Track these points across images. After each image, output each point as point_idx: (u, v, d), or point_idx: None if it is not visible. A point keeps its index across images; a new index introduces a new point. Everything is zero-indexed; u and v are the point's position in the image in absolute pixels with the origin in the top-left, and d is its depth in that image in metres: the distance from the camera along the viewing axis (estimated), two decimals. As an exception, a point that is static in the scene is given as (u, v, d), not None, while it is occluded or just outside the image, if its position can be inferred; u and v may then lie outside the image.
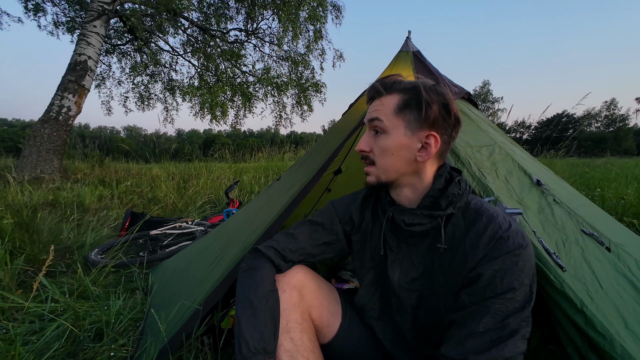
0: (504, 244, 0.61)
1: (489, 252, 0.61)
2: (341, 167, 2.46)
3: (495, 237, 0.62)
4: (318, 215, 0.89)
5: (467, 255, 0.64)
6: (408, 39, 1.78)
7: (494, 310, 0.58)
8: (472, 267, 0.62)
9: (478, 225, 0.65)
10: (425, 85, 0.69)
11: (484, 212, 0.67)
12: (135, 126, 68.56)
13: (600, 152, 12.86)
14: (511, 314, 0.57)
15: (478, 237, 0.64)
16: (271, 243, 0.83)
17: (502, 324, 0.57)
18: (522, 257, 0.60)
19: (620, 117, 49.29)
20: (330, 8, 8.13)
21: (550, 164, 4.37)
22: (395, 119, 0.69)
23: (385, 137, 0.71)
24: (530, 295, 0.59)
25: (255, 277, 0.75)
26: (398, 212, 0.73)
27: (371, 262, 0.85)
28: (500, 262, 0.60)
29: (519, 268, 0.59)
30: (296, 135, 37.90)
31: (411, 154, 0.70)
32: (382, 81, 0.73)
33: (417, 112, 0.67)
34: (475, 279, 0.61)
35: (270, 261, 0.80)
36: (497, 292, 0.58)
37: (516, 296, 0.58)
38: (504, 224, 0.64)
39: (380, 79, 0.74)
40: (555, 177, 1.59)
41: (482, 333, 0.57)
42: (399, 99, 0.69)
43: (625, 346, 0.63)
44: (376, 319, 0.85)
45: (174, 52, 8.38)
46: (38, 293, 1.37)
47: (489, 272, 0.60)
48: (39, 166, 4.66)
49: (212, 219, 2.89)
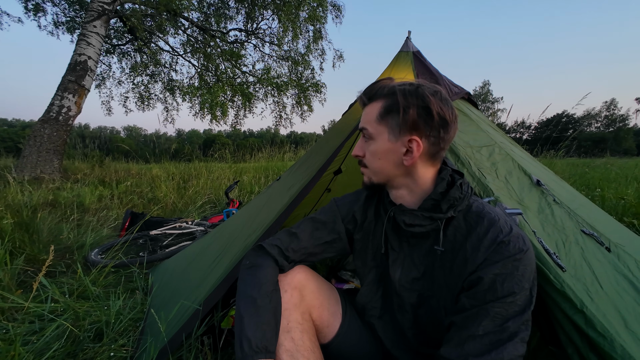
0: (504, 249, 0.61)
1: (490, 256, 0.61)
2: (341, 167, 2.46)
3: (496, 241, 0.62)
4: (321, 214, 0.89)
5: (467, 258, 0.64)
6: (408, 39, 1.78)
7: (493, 313, 0.58)
8: (473, 271, 0.63)
9: (479, 229, 0.65)
10: (403, 90, 0.68)
11: (486, 216, 0.67)
12: (135, 126, 68.60)
13: (600, 152, 12.88)
14: (511, 318, 0.57)
15: (479, 240, 0.64)
16: (275, 241, 0.83)
17: (501, 327, 0.57)
18: (522, 262, 0.60)
19: (620, 117, 49.30)
20: (330, 8, 8.14)
21: (550, 164, 4.37)
22: (378, 125, 0.71)
23: (373, 143, 0.73)
24: (530, 299, 0.60)
25: (259, 275, 0.75)
26: (399, 212, 0.74)
27: (373, 261, 0.85)
28: (500, 267, 0.60)
29: (520, 272, 0.59)
30: (296, 135, 37.95)
31: (398, 158, 0.71)
32: (370, 88, 0.75)
33: (397, 117, 0.68)
34: (475, 283, 0.62)
35: (274, 260, 0.80)
36: (497, 296, 0.59)
37: (516, 300, 0.58)
38: (505, 227, 0.64)
39: (369, 85, 0.76)
40: (555, 177, 1.59)
41: (481, 336, 0.57)
42: (381, 106, 0.71)
43: (625, 346, 0.63)
44: (377, 317, 0.85)
45: (174, 52, 8.38)
46: (38, 293, 1.37)
47: (489, 276, 0.60)
48: (39, 166, 4.66)
49: (212, 219, 2.89)
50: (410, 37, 1.80)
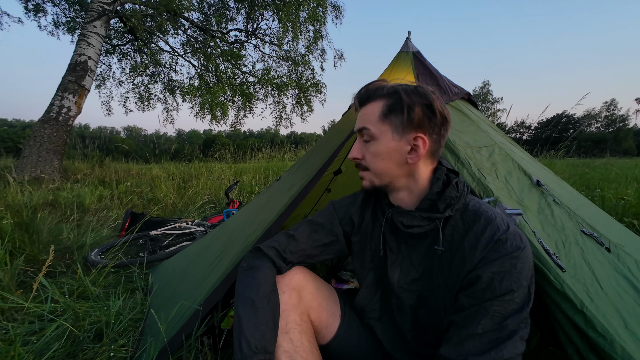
0: (502, 246, 0.61)
1: (487, 254, 0.62)
2: (341, 168, 2.46)
3: (493, 239, 0.62)
4: (318, 216, 0.89)
5: (465, 257, 0.64)
6: (408, 40, 1.78)
7: (492, 312, 0.58)
8: (471, 269, 0.63)
9: (476, 227, 0.65)
10: (406, 89, 0.70)
11: (482, 214, 0.67)
12: (135, 126, 68.57)
13: (600, 153, 12.88)
14: (510, 316, 0.58)
15: (476, 239, 0.64)
16: (272, 243, 0.83)
17: (500, 326, 0.57)
18: (520, 260, 0.60)
19: (620, 117, 49.31)
20: (330, 8, 8.14)
21: (550, 165, 4.37)
22: (381, 125, 0.71)
23: (375, 143, 0.72)
24: (528, 296, 0.60)
25: (257, 276, 0.75)
26: (397, 214, 0.74)
27: (371, 262, 0.85)
28: (498, 265, 0.60)
29: (517, 270, 0.60)
30: (296, 135, 37.91)
31: (402, 157, 0.70)
32: (365, 89, 0.75)
33: (401, 116, 0.68)
34: (474, 282, 0.62)
35: (272, 261, 0.80)
36: (496, 295, 0.59)
37: (514, 298, 0.58)
38: (502, 225, 0.64)
39: (363, 87, 0.76)
40: (555, 177, 1.59)
41: (480, 334, 0.57)
42: (382, 105, 0.70)
43: (626, 347, 0.63)
44: (376, 319, 0.85)
45: (174, 53, 8.39)
46: (38, 293, 1.37)
47: (487, 275, 0.60)
48: (39, 166, 4.66)
49: (212, 220, 2.89)
50: (410, 37, 1.80)
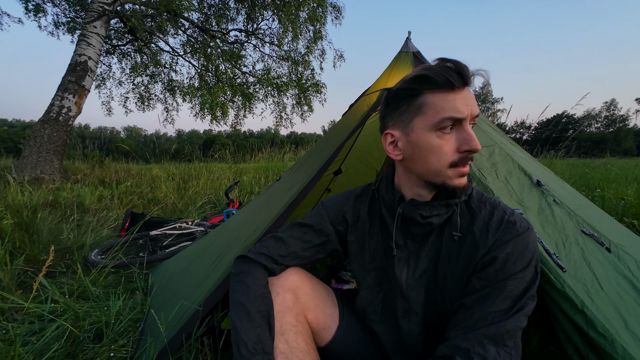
0: (512, 228, 0.64)
1: (500, 236, 0.63)
2: (341, 168, 2.45)
3: (503, 221, 0.65)
4: (308, 217, 0.88)
5: (477, 241, 0.65)
6: (408, 40, 1.78)
7: (506, 291, 0.60)
8: (485, 253, 0.64)
9: (484, 213, 0.68)
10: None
11: (487, 200, 0.71)
12: (135, 127, 68.61)
13: (600, 153, 12.88)
14: (519, 293, 0.60)
15: (485, 223, 0.66)
16: (260, 249, 0.82)
17: (512, 303, 0.59)
18: (529, 239, 0.63)
19: (620, 117, 49.32)
20: (330, 9, 8.14)
21: (550, 165, 4.37)
22: None
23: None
24: (535, 275, 0.62)
25: (247, 280, 0.75)
26: (411, 207, 0.71)
27: (372, 263, 0.83)
28: (512, 245, 0.62)
29: (529, 249, 0.62)
30: (296, 135, 37.95)
31: None
32: (467, 67, 0.64)
33: None
34: (488, 263, 0.63)
35: (262, 265, 0.79)
36: (508, 274, 0.61)
37: (525, 276, 0.61)
38: (507, 209, 0.68)
39: (460, 62, 0.63)
40: (555, 177, 1.59)
41: (492, 313, 0.59)
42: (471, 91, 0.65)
43: (626, 347, 0.63)
44: (378, 322, 0.83)
45: (174, 53, 8.39)
46: (38, 293, 1.37)
47: (502, 255, 0.62)
48: (39, 166, 4.66)
49: (212, 220, 2.89)
50: (410, 37, 1.80)
